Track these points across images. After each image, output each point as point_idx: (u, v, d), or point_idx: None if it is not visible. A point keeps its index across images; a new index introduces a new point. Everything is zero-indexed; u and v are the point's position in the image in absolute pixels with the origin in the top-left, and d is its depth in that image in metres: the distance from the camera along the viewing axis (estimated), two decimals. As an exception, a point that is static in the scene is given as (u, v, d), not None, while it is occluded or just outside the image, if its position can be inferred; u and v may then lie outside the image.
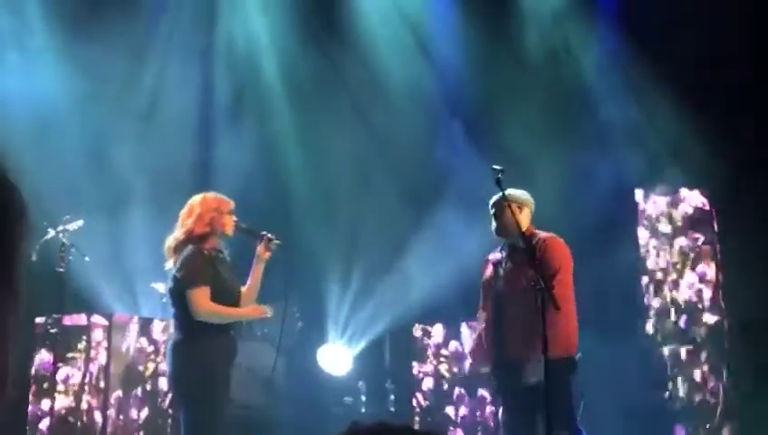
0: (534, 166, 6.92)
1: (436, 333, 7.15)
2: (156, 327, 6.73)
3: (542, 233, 4.78)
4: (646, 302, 6.93)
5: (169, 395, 6.26)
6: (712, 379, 6.59)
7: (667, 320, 6.83)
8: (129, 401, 6.47)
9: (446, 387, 7.02)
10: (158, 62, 7.85)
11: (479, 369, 5.03)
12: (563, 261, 4.69)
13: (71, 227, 5.88)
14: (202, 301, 4.38)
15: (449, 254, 7.25)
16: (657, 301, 6.90)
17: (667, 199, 7.02)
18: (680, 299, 6.82)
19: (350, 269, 7.85)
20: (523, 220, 4.74)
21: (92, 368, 6.38)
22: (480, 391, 6.85)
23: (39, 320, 6.34)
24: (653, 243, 6.99)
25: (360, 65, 8.03)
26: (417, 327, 7.23)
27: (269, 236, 4.70)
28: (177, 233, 4.58)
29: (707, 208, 6.90)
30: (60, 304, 5.89)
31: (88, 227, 6.01)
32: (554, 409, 4.12)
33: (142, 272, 6.86)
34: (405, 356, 7.31)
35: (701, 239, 6.86)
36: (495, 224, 4.82)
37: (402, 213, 7.69)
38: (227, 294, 4.54)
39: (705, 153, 6.55)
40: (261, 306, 4.68)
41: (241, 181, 7.04)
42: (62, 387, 6.33)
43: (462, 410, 6.91)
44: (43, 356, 6.33)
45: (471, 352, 5.16)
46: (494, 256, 4.94)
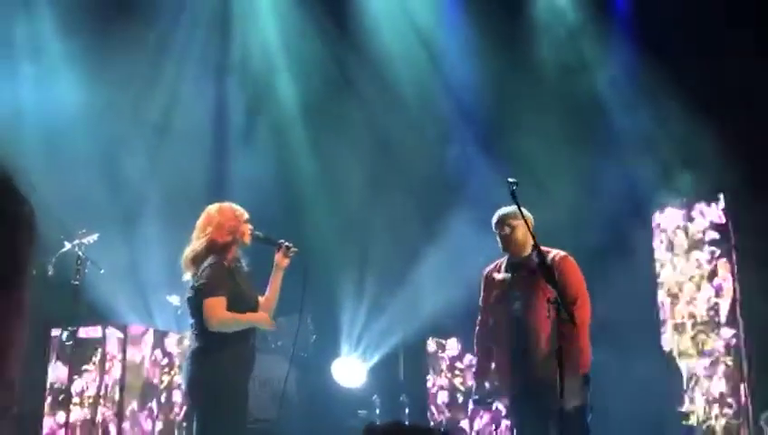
0: (548, 177, 6.91)
1: (451, 346, 7.12)
2: (170, 340, 6.75)
3: (552, 250, 4.67)
4: (662, 316, 6.88)
5: (184, 407, 6.27)
6: (729, 393, 6.53)
7: (683, 334, 6.78)
8: (144, 414, 6.49)
9: (460, 400, 6.99)
10: (172, 74, 7.91)
11: (494, 390, 4.79)
12: (581, 281, 4.62)
13: (86, 241, 5.92)
14: (217, 310, 4.35)
15: (462, 267, 7.22)
16: (673, 315, 6.85)
17: (682, 213, 6.98)
18: (697, 313, 6.77)
19: (363, 282, 7.85)
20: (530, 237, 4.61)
21: (107, 380, 6.40)
22: (495, 404, 6.81)
23: (55, 332, 6.37)
24: (669, 256, 6.95)
25: (374, 77, 8.05)
26: (432, 341, 7.21)
27: (287, 244, 4.67)
28: (195, 244, 4.50)
29: (723, 222, 6.86)
30: (75, 317, 5.91)
31: (103, 240, 6.04)
32: (576, 426, 4.16)
33: (157, 284, 6.88)
34: (419, 369, 7.29)
35: (717, 252, 6.82)
36: (509, 240, 4.68)
37: (415, 225, 7.69)
38: (245, 305, 4.52)
39: (721, 165, 6.51)
40: (267, 317, 4.65)
41: (254, 193, 7.04)
42: (77, 399, 6.36)
43: (477, 423, 6.88)
44: (59, 368, 6.36)
45: (482, 375, 4.80)
46: (498, 275, 4.76)
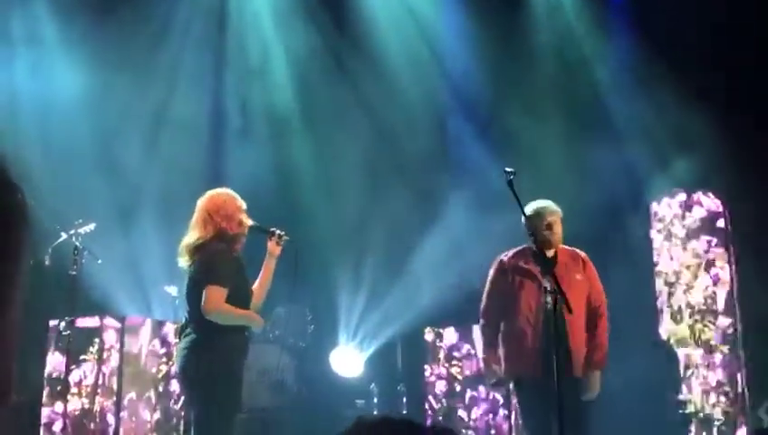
0: (546, 166, 6.91)
1: (448, 335, 7.13)
2: (168, 329, 6.75)
3: (575, 249, 4.94)
4: (659, 305, 6.89)
5: (182, 396, 6.27)
6: (726, 382, 6.55)
7: (680, 323, 6.80)
8: (142, 403, 6.49)
9: (458, 389, 7.00)
10: (169, 63, 7.88)
11: (502, 378, 4.81)
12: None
13: (83, 231, 5.91)
14: (216, 299, 4.32)
15: (460, 256, 7.23)
16: (670, 304, 6.86)
17: (680, 202, 6.99)
18: (694, 302, 6.78)
19: (361, 272, 7.85)
20: None
21: (105, 370, 6.40)
22: (492, 393, 6.83)
23: (52, 322, 6.37)
24: (666, 245, 6.96)
25: (371, 65, 8.03)
26: (429, 330, 7.22)
27: (279, 232, 4.65)
28: (201, 232, 4.41)
29: (720, 211, 6.86)
30: (73, 307, 5.91)
31: (100, 231, 6.03)
32: (588, 417, 4.59)
33: (155, 274, 6.88)
34: (417, 359, 7.30)
35: (714, 242, 6.82)
36: (550, 234, 4.79)
37: (412, 216, 7.68)
38: (244, 299, 4.52)
39: (718, 154, 6.51)
40: (260, 318, 4.63)
41: (250, 184, 7.04)
42: (75, 389, 6.37)
43: (474, 412, 6.90)
44: (57, 358, 6.36)
45: (494, 360, 4.81)
46: (524, 264, 4.81)
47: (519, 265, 4.83)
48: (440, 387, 7.07)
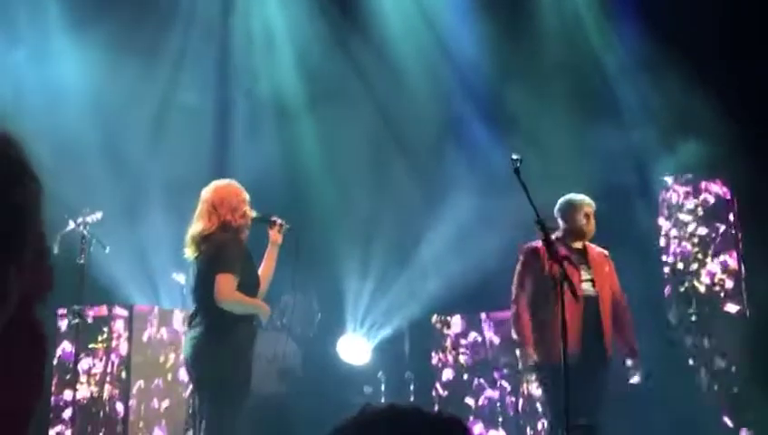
0: (552, 151, 6.88)
1: (455, 323, 7.14)
2: (176, 318, 6.77)
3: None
4: (667, 292, 6.87)
5: (190, 384, 6.29)
6: (733, 368, 6.53)
7: (688, 310, 6.78)
8: (151, 391, 6.52)
9: (465, 377, 7.01)
10: (175, 51, 7.87)
11: (537, 363, 4.89)
12: None
13: (90, 219, 5.92)
14: (228, 287, 4.35)
15: (467, 245, 7.22)
16: (678, 291, 6.84)
17: (687, 189, 6.96)
18: (701, 289, 6.77)
19: (368, 260, 7.85)
20: None
21: (114, 358, 6.43)
22: (500, 381, 6.84)
23: (61, 311, 6.39)
24: (674, 232, 6.94)
25: (378, 57, 8.00)
26: (436, 318, 7.22)
27: (279, 221, 4.74)
28: (206, 223, 4.46)
29: (728, 197, 6.84)
30: (81, 296, 5.93)
31: (107, 219, 6.04)
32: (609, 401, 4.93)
33: (162, 263, 6.89)
34: (424, 347, 7.31)
35: (722, 228, 6.80)
36: (587, 224, 5.04)
37: (420, 204, 7.67)
38: (254, 286, 4.57)
39: (727, 141, 6.47)
40: (267, 307, 4.69)
41: (257, 173, 7.04)
42: (84, 377, 6.40)
43: (482, 399, 6.91)
44: (66, 347, 6.39)
45: (529, 346, 4.91)
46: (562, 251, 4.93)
47: (556, 251, 4.90)
48: (447, 375, 7.08)
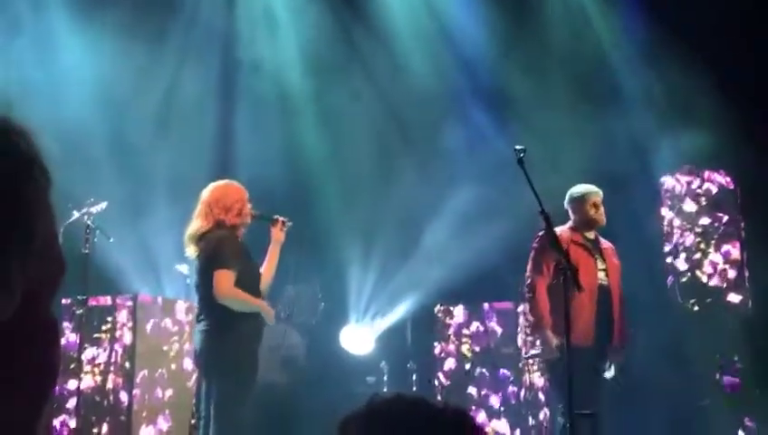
0: (556, 141, 6.88)
1: (458, 313, 7.15)
2: (179, 308, 6.80)
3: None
4: (669, 282, 6.88)
5: (194, 375, 6.32)
6: (736, 357, 6.54)
7: (691, 299, 6.79)
8: (155, 381, 6.55)
9: (468, 367, 7.03)
10: (178, 44, 7.86)
11: (556, 348, 4.89)
12: None
13: (95, 210, 5.94)
14: (226, 284, 4.42)
15: (469, 234, 7.23)
16: (681, 280, 6.85)
17: (690, 179, 6.95)
18: (704, 278, 6.77)
19: (371, 250, 7.86)
20: None
21: (118, 348, 6.46)
22: (502, 370, 6.86)
23: (65, 301, 6.42)
24: (677, 222, 6.94)
25: (381, 47, 7.99)
26: (439, 308, 7.24)
27: (282, 219, 4.81)
28: (202, 223, 4.56)
29: (732, 188, 6.83)
30: (85, 286, 5.95)
31: (112, 209, 6.06)
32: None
33: (166, 253, 6.91)
34: (427, 336, 7.32)
35: (725, 219, 6.80)
36: (596, 213, 5.12)
37: (422, 194, 7.67)
38: (255, 281, 4.61)
39: (730, 132, 6.46)
40: (271, 309, 4.72)
41: (261, 165, 7.06)
42: (88, 367, 6.42)
43: (484, 389, 6.93)
44: (70, 337, 6.41)
45: (548, 332, 4.94)
46: (572, 237, 5.04)
47: (573, 240, 5.03)
48: (449, 364, 7.10)
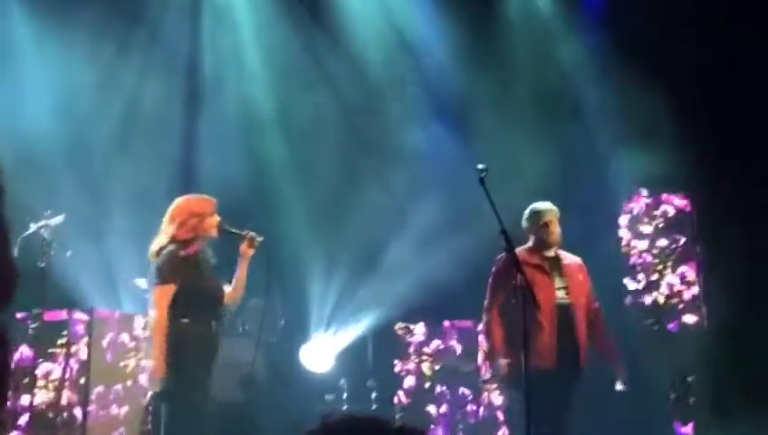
0: (518, 163, 6.95)
1: (418, 331, 7.16)
2: (137, 323, 6.71)
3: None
4: (627, 302, 6.96)
5: (149, 392, 6.24)
6: (692, 377, 6.63)
7: (647, 320, 6.87)
8: (110, 397, 6.45)
9: (427, 385, 7.04)
10: (141, 57, 7.81)
11: (506, 374, 4.92)
12: None
13: (52, 223, 5.85)
14: (159, 301, 4.47)
15: (431, 253, 7.26)
16: (638, 301, 6.94)
17: (648, 201, 7.07)
18: (661, 299, 6.87)
19: (333, 268, 7.85)
20: None
21: (73, 363, 6.35)
22: (461, 388, 6.88)
23: (20, 315, 6.29)
24: (634, 243, 7.04)
25: (345, 60, 8.02)
26: (400, 325, 7.24)
27: (252, 234, 4.77)
28: (160, 238, 4.62)
29: (689, 210, 6.96)
30: (41, 300, 5.85)
31: (69, 223, 5.98)
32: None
33: (124, 267, 6.83)
34: (387, 354, 7.32)
35: (682, 240, 6.91)
36: (556, 233, 5.11)
37: (385, 212, 7.69)
38: (208, 296, 4.59)
39: (687, 155, 6.58)
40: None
41: (224, 179, 7.01)
42: (42, 382, 6.30)
43: (443, 407, 6.94)
44: (24, 351, 6.29)
45: (499, 357, 4.94)
46: (528, 258, 4.95)
47: (529, 262, 4.94)
48: (409, 382, 7.10)
